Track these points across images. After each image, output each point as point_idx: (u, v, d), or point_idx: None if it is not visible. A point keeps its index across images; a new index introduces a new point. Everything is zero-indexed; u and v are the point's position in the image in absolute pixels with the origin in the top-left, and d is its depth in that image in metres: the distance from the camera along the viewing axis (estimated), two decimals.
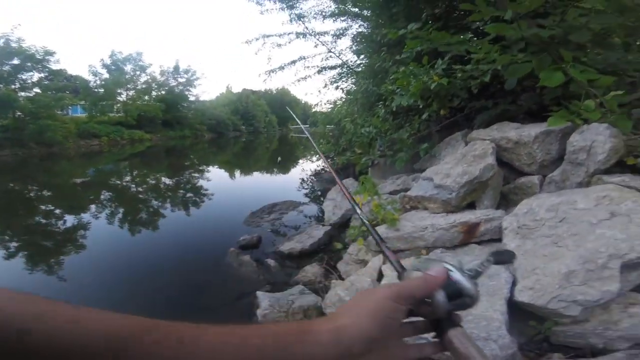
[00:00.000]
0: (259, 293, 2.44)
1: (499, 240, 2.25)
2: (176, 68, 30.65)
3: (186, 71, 31.08)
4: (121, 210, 5.82)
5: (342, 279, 2.67)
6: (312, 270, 2.90)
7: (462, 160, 2.78)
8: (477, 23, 3.12)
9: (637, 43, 2.83)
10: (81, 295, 2.87)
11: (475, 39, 3.00)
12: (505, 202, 2.66)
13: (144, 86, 28.20)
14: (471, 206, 2.63)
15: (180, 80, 30.77)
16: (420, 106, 3.42)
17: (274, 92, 47.71)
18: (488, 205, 2.60)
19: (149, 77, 28.83)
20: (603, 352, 1.50)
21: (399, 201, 2.97)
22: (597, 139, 2.11)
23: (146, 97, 27.79)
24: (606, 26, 2.50)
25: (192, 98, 31.47)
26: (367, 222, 0.75)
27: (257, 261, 3.23)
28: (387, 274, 2.18)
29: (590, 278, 1.56)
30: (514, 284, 1.76)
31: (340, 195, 3.91)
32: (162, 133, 26.13)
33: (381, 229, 2.60)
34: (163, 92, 29.20)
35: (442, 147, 3.47)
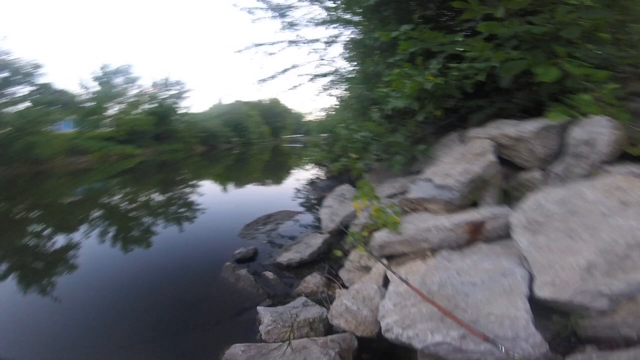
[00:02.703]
0: (260, 308, 2.31)
1: (506, 237, 2.20)
2: (167, 80, 30.28)
3: (177, 83, 30.69)
4: (112, 229, 5.63)
5: (346, 287, 2.57)
6: (313, 280, 2.78)
7: (462, 159, 2.73)
8: (468, 24, 3.11)
9: (626, 38, 2.87)
10: (75, 318, 2.73)
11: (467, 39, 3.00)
12: (508, 199, 2.60)
13: (134, 99, 27.23)
14: (473, 205, 2.58)
15: (170, 92, 30.24)
16: (416, 108, 3.37)
17: (266, 102, 47.63)
18: (491, 203, 2.55)
19: (139, 89, 28.02)
20: (638, 342, 1.45)
21: (398, 204, 2.90)
22: (598, 131, 2.12)
23: (137, 111, 26.80)
24: (595, 22, 2.50)
25: (182, 110, 31.09)
26: None
27: (254, 274, 3.09)
28: (393, 279, 2.08)
29: (612, 269, 1.51)
30: (530, 280, 1.70)
31: (337, 202, 3.83)
32: (153, 147, 25.37)
33: (383, 234, 2.52)
34: (154, 105, 28.28)
35: (438, 148, 3.44)
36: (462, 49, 2.87)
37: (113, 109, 25.38)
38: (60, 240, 4.95)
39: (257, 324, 2.22)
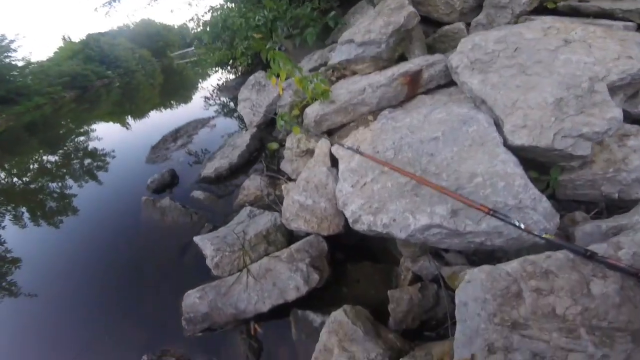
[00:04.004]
0: (197, 239, 1.88)
1: (448, 85, 2.08)
2: None
3: None
4: (12, 209, 4.35)
5: (293, 180, 2.28)
6: (253, 184, 2.41)
7: (379, 15, 2.43)
8: None
9: None
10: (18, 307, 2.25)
11: None
12: (433, 52, 2.46)
13: None
14: (402, 59, 2.39)
15: None
16: None
17: (132, 25, 39.22)
18: (419, 54, 2.38)
19: None
20: (620, 203, 1.29)
21: (323, 75, 2.52)
22: None
23: None
24: None
25: (21, 63, 24.47)
26: None
27: (181, 200, 2.60)
28: (341, 155, 1.81)
29: (585, 105, 1.32)
30: (496, 124, 1.46)
31: (255, 92, 3.25)
32: (6, 112, 20.38)
33: (315, 107, 2.21)
34: None
35: (350, 17, 3.28)
36: None
37: None
38: None
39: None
